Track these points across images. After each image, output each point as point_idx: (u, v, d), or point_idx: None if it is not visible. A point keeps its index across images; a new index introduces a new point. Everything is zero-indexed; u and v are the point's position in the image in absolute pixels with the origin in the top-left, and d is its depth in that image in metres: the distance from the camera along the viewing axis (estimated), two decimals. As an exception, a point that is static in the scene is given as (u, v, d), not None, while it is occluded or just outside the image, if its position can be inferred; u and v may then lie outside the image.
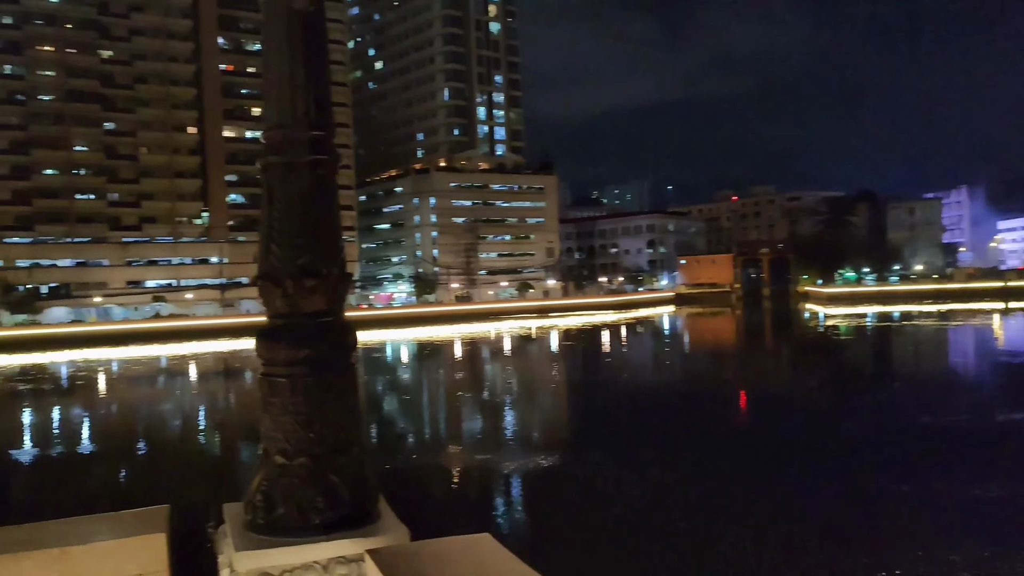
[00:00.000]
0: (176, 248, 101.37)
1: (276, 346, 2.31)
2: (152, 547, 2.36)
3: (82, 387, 45.42)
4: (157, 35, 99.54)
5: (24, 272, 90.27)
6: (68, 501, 18.25)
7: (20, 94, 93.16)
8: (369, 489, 2.42)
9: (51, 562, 2.30)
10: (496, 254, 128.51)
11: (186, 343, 71.86)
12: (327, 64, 2.24)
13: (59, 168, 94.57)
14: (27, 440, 28.45)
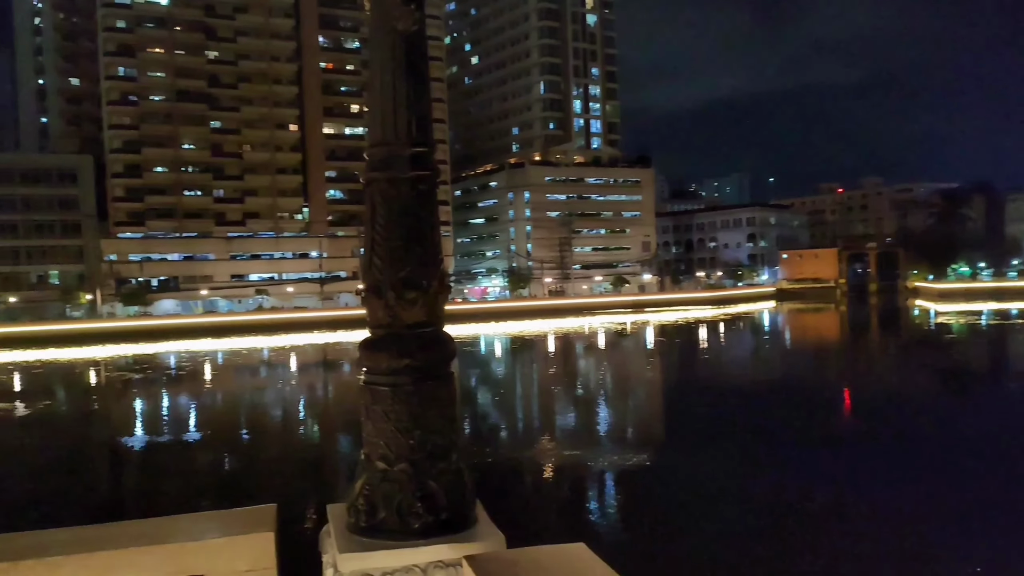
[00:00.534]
0: (278, 243, 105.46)
1: (378, 356, 2.41)
2: (261, 545, 2.51)
3: (189, 376, 47.89)
4: (260, 35, 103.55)
5: (136, 266, 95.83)
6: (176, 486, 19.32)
7: (133, 95, 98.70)
8: (467, 495, 2.50)
9: (170, 557, 2.48)
10: (591, 248, 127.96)
11: (286, 335, 74.66)
12: (428, 83, 2.33)
13: (168, 166, 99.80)
14: (138, 427, 30.24)
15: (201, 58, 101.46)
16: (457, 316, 79.75)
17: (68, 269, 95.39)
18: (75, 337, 73.28)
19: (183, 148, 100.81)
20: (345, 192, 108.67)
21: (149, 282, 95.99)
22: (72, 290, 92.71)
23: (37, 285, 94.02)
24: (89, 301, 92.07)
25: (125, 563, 2.45)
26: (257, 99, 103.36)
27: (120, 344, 68.88)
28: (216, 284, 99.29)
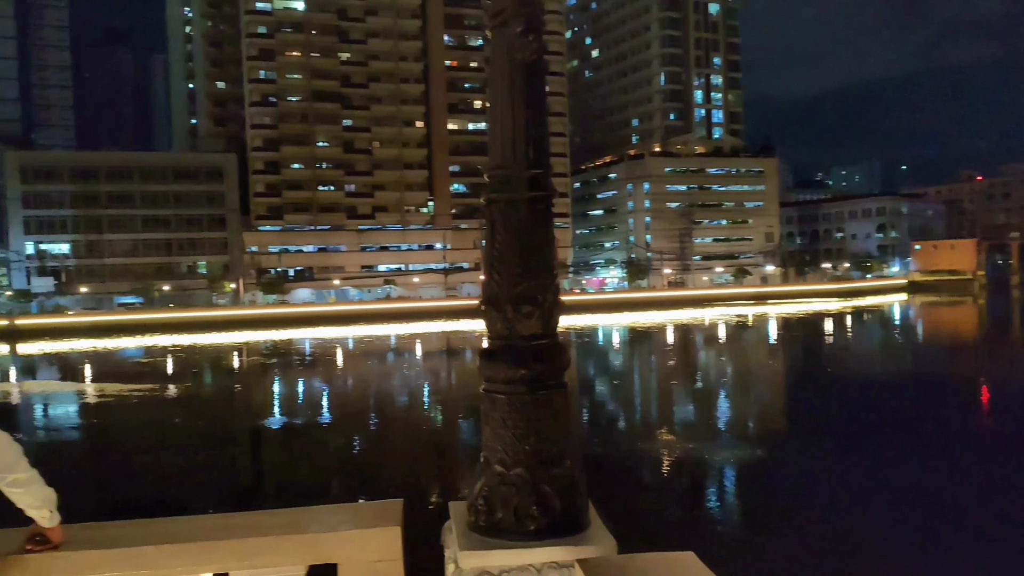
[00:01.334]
0: (404, 235, 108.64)
1: (496, 366, 2.52)
2: (389, 537, 2.68)
3: (322, 361, 50.19)
4: (389, 36, 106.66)
5: (275, 257, 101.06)
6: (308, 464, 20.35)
7: (272, 96, 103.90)
8: (580, 500, 2.58)
9: (306, 546, 2.68)
10: (711, 239, 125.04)
11: (412, 323, 76.90)
12: (546, 108, 2.41)
13: (304, 163, 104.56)
14: (275, 408, 31.99)
15: (334, 60, 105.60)
16: (575, 307, 79.78)
17: (214, 260, 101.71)
18: (220, 323, 78.10)
19: (318, 146, 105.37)
20: (468, 186, 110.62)
21: (287, 272, 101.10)
22: (218, 279, 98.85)
23: (187, 274, 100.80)
24: (233, 290, 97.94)
25: (270, 549, 2.67)
26: (386, 97, 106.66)
27: (260, 330, 72.85)
28: (347, 274, 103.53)
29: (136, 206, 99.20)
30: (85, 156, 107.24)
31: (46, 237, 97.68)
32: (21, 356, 58.83)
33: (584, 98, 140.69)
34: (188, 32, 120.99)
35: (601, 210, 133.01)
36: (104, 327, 75.81)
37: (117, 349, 60.81)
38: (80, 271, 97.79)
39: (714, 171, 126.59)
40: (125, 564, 2.67)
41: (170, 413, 29.47)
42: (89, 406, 31.89)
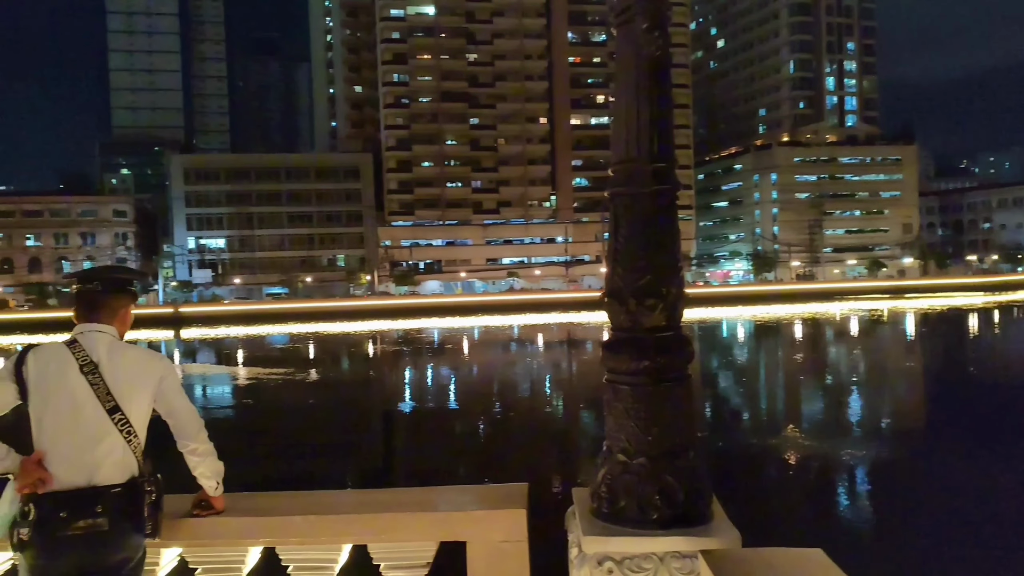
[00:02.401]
0: (528, 229, 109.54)
1: (619, 357, 2.52)
2: (514, 519, 2.73)
3: (450, 350, 51.40)
4: (515, 36, 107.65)
5: (407, 251, 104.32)
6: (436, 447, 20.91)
7: (405, 98, 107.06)
8: (703, 492, 2.54)
9: (437, 523, 2.78)
10: (843, 231, 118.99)
11: (535, 314, 77.46)
12: (671, 103, 2.38)
13: (433, 161, 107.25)
14: (406, 393, 33.06)
15: (462, 61, 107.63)
16: (699, 300, 77.95)
17: (351, 253, 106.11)
18: (356, 313, 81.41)
19: (446, 144, 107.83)
20: (590, 180, 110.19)
21: (417, 265, 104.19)
22: (354, 272, 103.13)
23: (327, 267, 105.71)
24: (368, 281, 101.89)
25: (404, 525, 2.79)
26: (511, 95, 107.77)
27: (392, 320, 75.39)
28: (473, 267, 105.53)
29: (282, 204, 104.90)
30: (238, 158, 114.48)
31: (205, 233, 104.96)
32: (183, 340, 63.50)
33: (709, 89, 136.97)
34: (329, 41, 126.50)
35: (726, 202, 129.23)
36: (254, 315, 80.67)
37: (265, 335, 64.58)
38: (234, 264, 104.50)
39: (847, 160, 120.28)
40: (275, 531, 2.86)
41: (310, 396, 31.03)
42: (239, 387, 34.05)
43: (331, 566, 2.90)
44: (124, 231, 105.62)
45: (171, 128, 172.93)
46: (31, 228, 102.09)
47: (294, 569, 2.90)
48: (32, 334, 67.76)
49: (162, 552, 2.96)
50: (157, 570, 2.98)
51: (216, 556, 2.90)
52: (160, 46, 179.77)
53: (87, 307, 2.84)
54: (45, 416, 2.65)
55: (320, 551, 2.86)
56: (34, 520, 2.56)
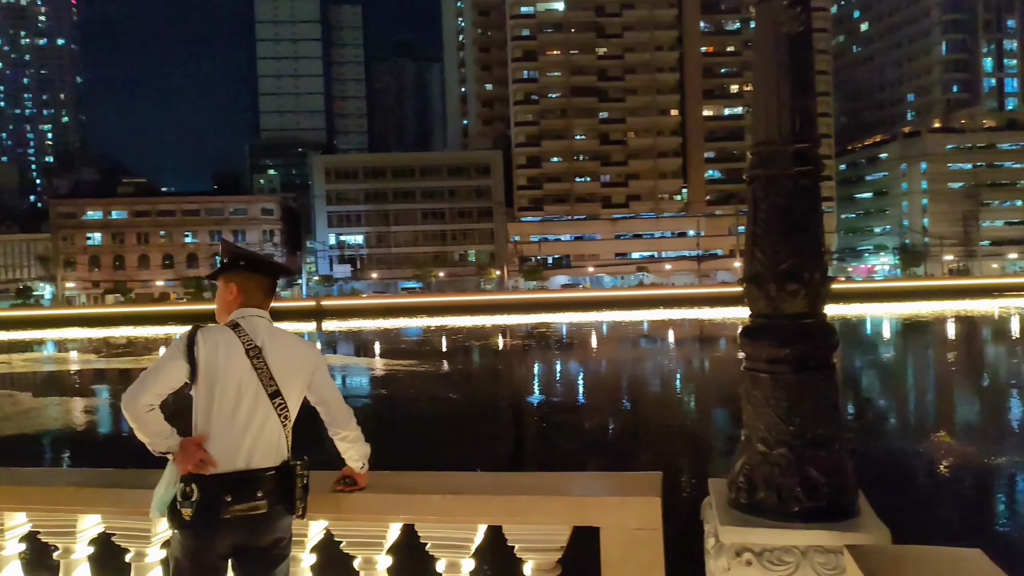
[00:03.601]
0: (658, 223, 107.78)
1: (759, 344, 2.45)
2: (648, 507, 2.71)
3: (578, 344, 51.39)
4: (645, 28, 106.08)
5: (535, 246, 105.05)
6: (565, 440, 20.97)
7: (534, 95, 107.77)
8: (848, 486, 2.43)
9: (572, 507, 2.80)
10: (1002, 222, 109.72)
11: (664, 310, 76.12)
12: (813, 81, 2.29)
13: (562, 156, 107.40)
14: (535, 386, 33.33)
15: (592, 55, 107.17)
16: (840, 295, 74.10)
17: (482, 249, 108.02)
18: (486, 307, 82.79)
19: (576, 139, 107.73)
20: (723, 172, 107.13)
21: (546, 260, 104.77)
22: (485, 267, 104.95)
23: (459, 262, 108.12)
24: (498, 276, 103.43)
25: (538, 508, 2.83)
26: (641, 88, 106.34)
27: (521, 314, 76.14)
28: (601, 262, 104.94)
29: (417, 201, 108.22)
30: (375, 158, 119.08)
31: (345, 229, 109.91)
32: (325, 332, 66.79)
33: (851, 75, 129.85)
34: (461, 40, 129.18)
35: (870, 193, 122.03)
36: (390, 309, 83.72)
37: (400, 328, 66.90)
38: (371, 259, 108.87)
39: (1006, 147, 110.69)
40: (414, 509, 2.97)
41: (442, 387, 31.88)
42: (376, 378, 35.45)
43: (467, 545, 2.98)
44: (271, 228, 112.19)
45: (314, 130, 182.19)
46: (189, 226, 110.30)
47: (432, 546, 3.00)
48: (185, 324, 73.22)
49: (310, 524, 3.13)
50: (306, 541, 3.16)
51: (359, 531, 3.04)
52: (303, 52, 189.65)
53: (265, 293, 2.94)
54: (212, 398, 2.70)
55: (457, 530, 2.95)
56: (197, 501, 2.61)
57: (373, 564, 3.07)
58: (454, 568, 3.00)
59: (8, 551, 3.33)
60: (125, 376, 38.53)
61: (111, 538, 3.23)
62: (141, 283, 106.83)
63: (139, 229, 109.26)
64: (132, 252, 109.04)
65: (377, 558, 3.07)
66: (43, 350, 57.37)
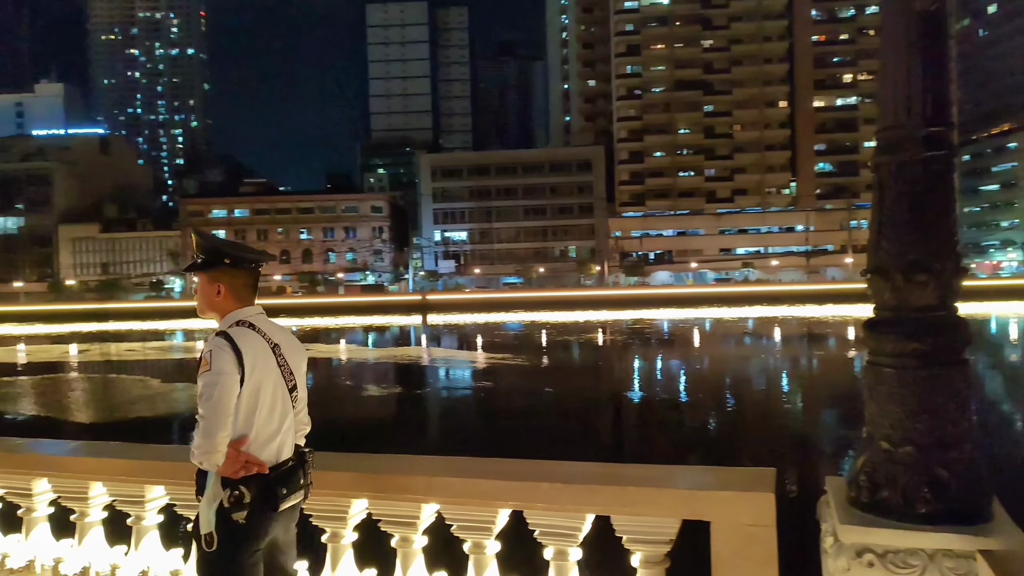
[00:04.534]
0: (764, 217, 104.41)
1: (883, 338, 2.32)
2: (762, 503, 2.63)
3: (679, 341, 50.45)
4: (753, 18, 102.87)
5: (637, 241, 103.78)
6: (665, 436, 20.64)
7: (637, 90, 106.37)
8: (980, 488, 2.28)
9: (681, 500, 2.75)
10: None
11: (771, 307, 73.68)
12: (948, 60, 2.15)
13: (665, 150, 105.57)
14: (635, 382, 32.95)
15: (697, 48, 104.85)
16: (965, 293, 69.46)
17: (582, 244, 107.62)
18: (586, 302, 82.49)
19: (679, 133, 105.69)
20: (834, 164, 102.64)
21: (647, 256, 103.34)
22: (585, 262, 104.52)
23: (559, 258, 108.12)
24: (598, 272, 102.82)
25: (647, 499, 2.79)
26: (748, 80, 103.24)
27: (621, 310, 75.40)
28: (705, 257, 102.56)
29: (519, 197, 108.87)
30: (479, 156, 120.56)
31: (449, 226, 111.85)
32: (430, 326, 68.22)
33: (977, 60, 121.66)
34: (564, 38, 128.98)
35: (996, 185, 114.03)
36: (492, 303, 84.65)
37: (501, 323, 67.53)
38: (474, 255, 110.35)
39: None
40: (522, 496, 2.99)
41: (542, 381, 31.97)
42: (478, 371, 35.91)
43: (575, 534, 2.98)
44: (380, 225, 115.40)
45: (421, 130, 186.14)
46: (304, 223, 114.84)
47: (540, 534, 3.01)
48: (302, 318, 76.30)
49: (352, 502, 3.23)
50: (347, 519, 3.25)
51: (469, 515, 3.09)
52: (411, 55, 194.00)
53: (252, 289, 2.94)
54: (256, 400, 2.71)
55: (564, 518, 2.95)
56: (252, 502, 2.62)
57: (483, 548, 3.11)
58: (562, 556, 3.01)
59: (148, 521, 3.57)
60: (245, 364, 40.55)
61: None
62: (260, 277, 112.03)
63: (259, 226, 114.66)
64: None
65: (486, 542, 3.11)
66: (173, 339, 61.11)
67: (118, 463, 3.53)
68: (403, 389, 31.53)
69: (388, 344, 53.97)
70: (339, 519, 3.25)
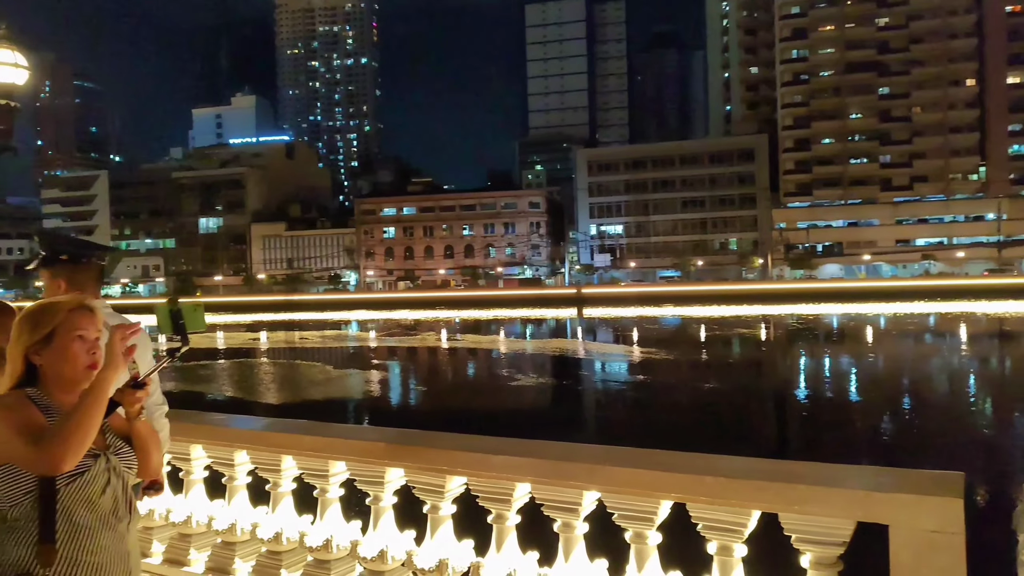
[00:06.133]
0: (947, 206, 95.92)
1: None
2: (949, 509, 2.43)
3: (851, 337, 47.42)
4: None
5: (803, 233, 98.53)
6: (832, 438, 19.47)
7: (804, 74, 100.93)
8: None
9: (856, 502, 2.59)
10: None
11: (954, 302, 67.60)
12: None
13: (835, 137, 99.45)
14: (800, 379, 31.33)
15: (870, 28, 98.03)
16: None
17: (744, 237, 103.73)
18: (748, 296, 79.42)
19: (850, 118, 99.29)
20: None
21: (815, 248, 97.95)
22: (747, 255, 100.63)
23: (719, 251, 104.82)
24: (761, 265, 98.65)
25: (818, 499, 2.65)
26: (929, 58, 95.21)
27: (785, 304, 71.90)
28: (879, 249, 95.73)
29: (676, 189, 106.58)
30: (635, 149, 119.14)
31: (605, 220, 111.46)
32: (585, 319, 68.34)
33: None
34: (725, 25, 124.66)
35: None
36: (648, 297, 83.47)
37: (658, 316, 66.45)
38: (630, 249, 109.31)
39: None
40: (685, 488, 2.93)
41: (700, 376, 31.15)
42: (635, 365, 35.53)
43: (740, 530, 2.89)
44: (537, 220, 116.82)
45: (577, 126, 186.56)
46: (467, 220, 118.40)
47: (703, 528, 2.94)
48: (463, 310, 78.78)
49: (516, 485, 3.25)
50: (511, 503, 3.29)
51: (631, 504, 3.07)
52: (569, 52, 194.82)
53: (96, 282, 2.97)
54: None
55: (729, 513, 2.86)
56: None
57: (644, 539, 3.09)
58: (725, 551, 2.92)
59: (331, 494, 3.84)
60: (412, 353, 42.54)
61: (411, 490, 3.58)
62: (426, 271, 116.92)
63: (425, 223, 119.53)
64: (419, 244, 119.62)
65: (648, 533, 3.08)
66: (348, 329, 65.11)
67: (306, 439, 3.81)
68: (558, 380, 31.82)
69: (544, 336, 54.62)
70: (504, 501, 3.34)
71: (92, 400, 2.11)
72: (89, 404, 2.10)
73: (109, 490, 2.24)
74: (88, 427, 2.08)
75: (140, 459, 2.40)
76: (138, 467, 2.41)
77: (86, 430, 2.08)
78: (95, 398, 2.11)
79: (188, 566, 4.16)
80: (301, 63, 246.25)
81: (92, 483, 2.20)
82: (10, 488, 2.10)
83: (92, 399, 2.11)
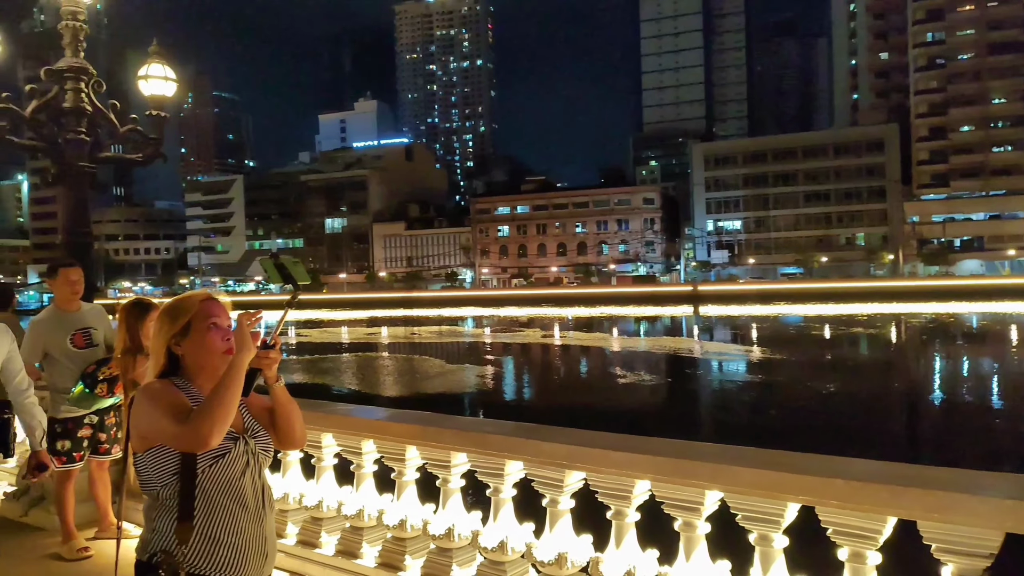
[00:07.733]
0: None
1: None
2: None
3: (993, 338, 44.03)
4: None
5: (938, 227, 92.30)
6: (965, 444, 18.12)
7: (939, 58, 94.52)
8: None
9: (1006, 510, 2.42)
10: None
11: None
12: None
13: (975, 124, 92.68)
14: (936, 384, 29.35)
15: (1016, 4, 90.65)
16: None
17: (872, 231, 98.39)
18: (877, 294, 75.20)
19: (992, 104, 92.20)
20: None
21: (951, 242, 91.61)
22: (876, 251, 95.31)
23: (845, 246, 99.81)
24: (891, 261, 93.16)
25: (962, 507, 2.49)
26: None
27: (919, 302, 67.59)
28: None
29: (798, 183, 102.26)
30: (754, 142, 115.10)
31: (723, 215, 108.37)
32: (702, 317, 66.67)
33: None
34: (852, 10, 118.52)
35: None
36: (768, 295, 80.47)
37: (779, 315, 63.96)
38: (749, 244, 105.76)
39: None
40: (814, 491, 2.82)
41: (824, 378, 29.74)
42: (753, 364, 34.33)
43: (874, 536, 2.75)
44: (651, 217, 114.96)
45: (693, 120, 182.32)
46: (580, 217, 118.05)
47: (833, 532, 2.83)
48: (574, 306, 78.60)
49: (636, 483, 3.21)
50: (631, 499, 3.23)
51: (755, 506, 2.98)
52: (684, 44, 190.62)
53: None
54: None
55: (862, 518, 2.73)
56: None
57: (770, 541, 2.99)
58: (858, 558, 2.79)
59: (453, 484, 3.93)
60: (526, 350, 42.88)
61: (531, 483, 3.61)
62: (539, 268, 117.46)
63: (538, 221, 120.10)
64: (533, 241, 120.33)
65: (774, 535, 2.99)
66: (464, 325, 66.33)
67: (430, 431, 3.92)
68: (673, 380, 31.22)
69: (659, 334, 53.71)
70: (623, 498, 3.32)
71: (231, 378, 2.27)
72: (229, 382, 2.26)
73: (248, 472, 2.39)
74: (229, 403, 2.24)
75: (284, 429, 2.53)
76: (282, 438, 2.54)
77: (228, 407, 2.23)
78: (232, 377, 2.27)
79: (320, 548, 4.37)
80: (419, 67, 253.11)
81: (232, 465, 2.34)
82: (160, 469, 2.28)
83: (230, 378, 2.27)
